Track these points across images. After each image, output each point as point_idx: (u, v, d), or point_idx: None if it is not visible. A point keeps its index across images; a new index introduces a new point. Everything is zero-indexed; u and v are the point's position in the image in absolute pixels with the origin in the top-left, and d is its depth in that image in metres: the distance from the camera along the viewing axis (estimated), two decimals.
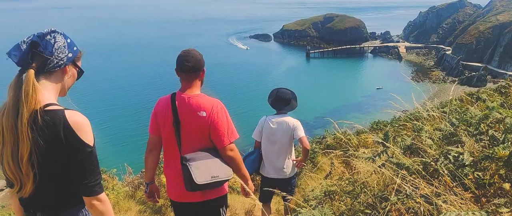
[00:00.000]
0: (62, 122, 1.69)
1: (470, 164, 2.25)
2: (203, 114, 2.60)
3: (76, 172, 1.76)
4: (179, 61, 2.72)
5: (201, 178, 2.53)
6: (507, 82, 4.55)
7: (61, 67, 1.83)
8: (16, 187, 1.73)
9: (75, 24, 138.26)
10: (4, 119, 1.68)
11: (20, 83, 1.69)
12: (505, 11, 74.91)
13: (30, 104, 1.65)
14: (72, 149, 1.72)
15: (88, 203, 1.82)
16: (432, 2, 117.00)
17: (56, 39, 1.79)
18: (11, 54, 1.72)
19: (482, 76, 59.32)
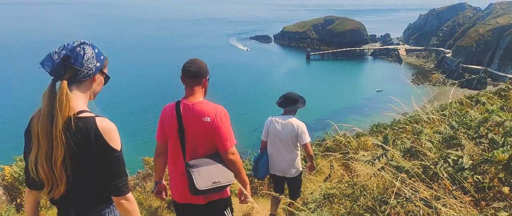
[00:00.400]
0: (93, 128, 1.86)
1: (470, 168, 2.25)
2: (208, 120, 2.72)
3: (106, 174, 1.92)
4: (183, 68, 2.90)
5: (202, 184, 2.68)
6: (506, 85, 4.54)
7: (90, 77, 1.99)
8: (46, 188, 1.87)
9: (74, 20, 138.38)
10: (39, 125, 1.83)
11: (54, 92, 1.86)
12: (505, 14, 75.01)
13: (64, 112, 1.82)
14: (102, 153, 1.88)
15: (116, 202, 1.99)
16: (432, 4, 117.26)
17: (85, 50, 1.95)
18: (45, 65, 1.87)
19: (482, 79, 59.34)
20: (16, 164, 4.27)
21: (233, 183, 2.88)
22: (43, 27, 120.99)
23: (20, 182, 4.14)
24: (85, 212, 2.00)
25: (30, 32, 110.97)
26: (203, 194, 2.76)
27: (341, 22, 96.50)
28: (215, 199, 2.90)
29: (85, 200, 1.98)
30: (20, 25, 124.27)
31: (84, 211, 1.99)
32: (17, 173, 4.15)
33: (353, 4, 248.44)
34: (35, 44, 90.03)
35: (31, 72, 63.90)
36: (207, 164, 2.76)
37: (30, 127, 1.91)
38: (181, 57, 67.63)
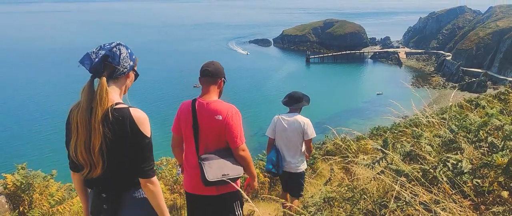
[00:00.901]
0: (128, 117, 2.09)
1: (469, 172, 2.26)
2: (220, 118, 2.96)
3: (136, 158, 2.14)
4: (201, 68, 3.14)
5: (212, 175, 2.89)
6: (506, 88, 4.56)
7: (125, 74, 2.25)
8: (85, 170, 2.12)
9: (74, 27, 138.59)
10: (78, 116, 2.07)
11: (93, 88, 2.12)
12: (505, 17, 75.14)
13: (103, 105, 2.05)
14: (134, 139, 2.10)
15: (143, 184, 2.20)
16: (432, 7, 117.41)
17: (121, 51, 2.20)
18: (84, 63, 2.14)
19: (482, 82, 59.37)
20: (18, 172, 4.28)
21: (242, 176, 3.07)
22: (44, 35, 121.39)
23: (23, 190, 4.14)
24: (118, 194, 2.22)
25: (31, 40, 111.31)
26: (213, 185, 2.94)
27: (340, 25, 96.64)
28: (225, 192, 3.07)
29: (118, 183, 2.21)
30: (22, 33, 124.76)
31: (117, 193, 2.22)
32: (19, 181, 4.15)
33: (352, 7, 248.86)
34: (35, 52, 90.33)
35: (32, 80, 64.06)
36: (218, 157, 2.98)
37: (70, 118, 2.16)
38: (181, 62, 68.36)
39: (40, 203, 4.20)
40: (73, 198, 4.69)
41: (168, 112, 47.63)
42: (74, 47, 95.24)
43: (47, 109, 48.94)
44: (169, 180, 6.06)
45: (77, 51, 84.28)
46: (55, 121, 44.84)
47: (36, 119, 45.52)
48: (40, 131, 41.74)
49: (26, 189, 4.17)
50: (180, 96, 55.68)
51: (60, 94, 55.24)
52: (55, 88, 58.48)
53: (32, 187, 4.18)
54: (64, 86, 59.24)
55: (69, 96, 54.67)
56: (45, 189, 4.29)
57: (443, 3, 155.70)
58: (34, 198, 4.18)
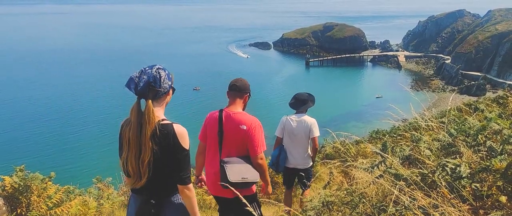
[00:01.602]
0: (172, 132, 2.42)
1: (468, 176, 2.26)
2: (244, 128, 3.32)
3: (176, 167, 2.46)
4: (230, 83, 3.57)
5: (233, 177, 3.23)
6: (504, 92, 4.56)
7: (166, 93, 2.56)
8: (132, 180, 2.45)
9: (73, 30, 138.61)
10: (130, 133, 2.39)
11: (140, 108, 2.42)
12: (504, 21, 75.31)
13: (152, 124, 2.37)
14: (175, 151, 2.43)
15: (180, 190, 2.53)
16: (431, 11, 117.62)
17: (160, 74, 2.49)
18: (130, 87, 2.42)
19: (481, 85, 59.45)
20: (16, 174, 4.27)
21: (258, 182, 3.45)
22: (44, 37, 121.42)
23: (21, 193, 4.13)
24: (160, 199, 2.53)
25: (30, 41, 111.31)
26: (233, 187, 3.12)
27: (340, 29, 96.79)
28: (242, 195, 3.25)
29: (162, 190, 2.53)
30: (21, 35, 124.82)
31: (159, 198, 2.53)
32: (17, 183, 4.14)
33: (352, 11, 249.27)
34: (35, 53, 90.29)
35: (32, 81, 64.04)
36: (239, 162, 3.34)
37: (121, 133, 2.49)
38: (181, 64, 68.50)
39: (38, 205, 4.18)
40: (71, 200, 4.68)
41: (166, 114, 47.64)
42: (74, 49, 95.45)
43: (47, 110, 48.93)
44: None
45: (77, 53, 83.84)
46: (55, 123, 44.88)
47: (36, 120, 45.46)
48: (39, 133, 41.68)
49: (24, 191, 4.15)
50: (180, 99, 55.68)
51: (59, 95, 55.28)
52: (55, 89, 58.48)
53: (30, 189, 4.17)
54: (63, 88, 59.30)
55: (69, 97, 54.74)
56: (43, 191, 4.28)
57: (442, 7, 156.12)
58: (32, 200, 4.17)
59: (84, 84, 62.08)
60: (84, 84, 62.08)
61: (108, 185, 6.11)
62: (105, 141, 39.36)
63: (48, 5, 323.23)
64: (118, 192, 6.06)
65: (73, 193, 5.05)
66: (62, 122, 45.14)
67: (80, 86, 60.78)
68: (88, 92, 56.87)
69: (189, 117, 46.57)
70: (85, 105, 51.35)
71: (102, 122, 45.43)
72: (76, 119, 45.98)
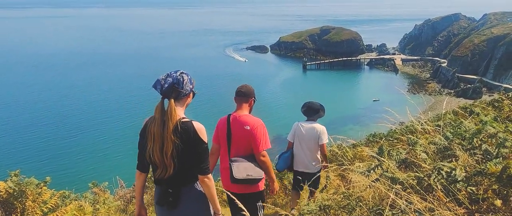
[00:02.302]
0: (192, 128, 2.74)
1: (463, 180, 2.26)
2: (247, 128, 3.74)
3: (197, 159, 2.78)
4: (236, 89, 3.96)
5: (238, 174, 3.64)
6: (500, 96, 4.58)
7: (187, 95, 2.90)
8: (158, 171, 2.77)
9: (70, 33, 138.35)
10: (155, 128, 2.72)
11: (164, 107, 2.76)
12: (499, 24, 75.72)
13: (173, 120, 2.69)
14: (196, 145, 2.75)
15: (201, 179, 2.85)
16: (427, 15, 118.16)
17: (183, 78, 2.85)
18: (156, 87, 2.79)
19: (477, 89, 59.68)
20: (11, 179, 4.24)
21: (262, 178, 3.77)
22: (41, 40, 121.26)
23: (15, 198, 4.10)
24: (181, 188, 2.83)
25: (28, 44, 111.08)
26: (239, 183, 3.68)
27: (337, 32, 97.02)
28: (249, 191, 3.82)
29: (180, 181, 2.82)
30: (22, 37, 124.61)
31: (180, 187, 2.83)
32: (12, 188, 4.11)
33: (349, 14, 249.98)
34: (32, 57, 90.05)
35: (28, 85, 63.79)
36: (244, 161, 3.72)
37: (146, 129, 2.80)
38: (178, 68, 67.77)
39: (33, 210, 4.15)
40: (66, 205, 4.65)
41: None
42: (72, 53, 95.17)
43: (43, 115, 48.69)
44: None
45: (74, 57, 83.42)
46: (51, 127, 44.65)
47: (32, 125, 45.24)
48: (35, 138, 41.47)
49: (18, 196, 4.12)
50: None
51: (56, 99, 55.05)
52: (51, 93, 58.25)
53: (24, 195, 4.14)
54: (60, 92, 59.07)
55: (65, 101, 54.50)
56: (38, 196, 4.25)
57: (438, 10, 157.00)
58: (27, 206, 4.14)
59: (81, 88, 61.87)
60: (81, 88, 61.87)
61: (104, 189, 6.07)
62: (101, 146, 39.25)
63: (45, 8, 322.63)
64: (114, 197, 6.03)
65: (68, 198, 5.02)
66: (58, 127, 44.94)
67: (76, 90, 60.56)
68: (85, 96, 56.64)
69: None
70: (82, 109, 51.13)
71: (99, 126, 45.29)
72: (72, 124, 45.80)
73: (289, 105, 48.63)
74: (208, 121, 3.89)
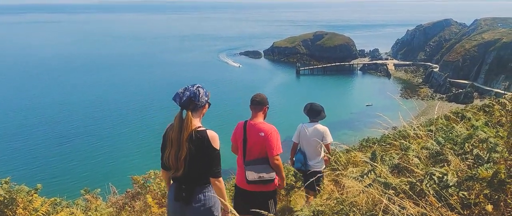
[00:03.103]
0: (205, 136, 3.13)
1: (455, 185, 2.27)
2: (262, 135, 4.14)
3: (210, 163, 3.18)
4: (251, 98, 4.40)
5: (251, 177, 4.14)
6: (490, 101, 4.63)
7: (202, 106, 3.28)
8: (172, 171, 3.22)
9: (64, 38, 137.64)
10: (173, 135, 3.13)
11: (182, 117, 3.15)
12: (490, 29, 76.69)
13: (188, 129, 3.09)
14: (209, 151, 3.14)
15: (213, 182, 3.25)
16: (419, 20, 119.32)
17: (199, 91, 3.22)
18: (176, 100, 3.19)
19: (469, 93, 60.24)
20: (1, 187, 4.19)
21: (274, 178, 4.21)
22: (33, 45, 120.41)
23: (6, 206, 4.05)
24: (193, 187, 3.23)
25: (18, 50, 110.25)
26: (253, 184, 4.17)
27: (330, 38, 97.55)
28: (262, 190, 4.26)
29: (193, 180, 3.22)
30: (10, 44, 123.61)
31: (193, 187, 3.23)
32: (2, 196, 4.06)
33: (342, 20, 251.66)
34: (24, 62, 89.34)
35: (21, 90, 63.18)
36: (257, 164, 4.16)
37: (166, 134, 3.21)
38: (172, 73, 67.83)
39: None
40: (58, 212, 4.60)
41: (156, 121, 47.29)
42: (65, 57, 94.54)
43: (34, 121, 48.19)
44: (157, 193, 5.97)
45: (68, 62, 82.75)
46: (42, 134, 44.20)
47: (23, 132, 44.75)
48: (27, 145, 41.01)
49: (9, 204, 4.07)
50: (170, 107, 55.27)
51: (48, 105, 54.54)
52: (43, 99, 57.74)
53: (15, 202, 4.09)
54: (52, 97, 58.57)
55: (57, 107, 54.01)
56: (29, 204, 4.20)
57: (430, 16, 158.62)
58: (17, 213, 4.09)
59: (74, 93, 61.42)
60: (74, 93, 61.42)
61: (96, 196, 6.01)
62: (93, 152, 38.91)
63: (39, 14, 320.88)
64: (107, 204, 5.97)
65: (60, 205, 4.96)
66: (49, 133, 44.49)
67: (69, 95, 60.11)
68: (77, 102, 56.20)
69: None
70: (74, 115, 50.71)
71: (91, 132, 44.94)
72: (64, 130, 45.40)
73: (283, 110, 48.67)
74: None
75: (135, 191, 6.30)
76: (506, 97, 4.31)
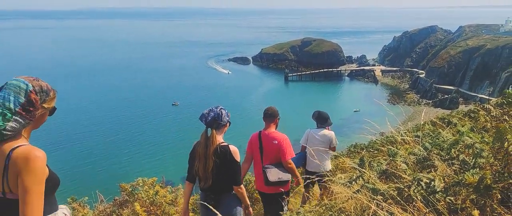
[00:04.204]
0: (228, 151, 3.62)
1: (442, 190, 2.30)
2: (276, 143, 4.76)
3: (231, 173, 3.69)
4: (264, 111, 4.99)
5: (272, 178, 4.66)
6: (475, 107, 4.71)
7: (225, 125, 3.76)
8: (202, 182, 3.71)
9: (54, 45, 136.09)
10: (200, 149, 3.63)
11: (207, 134, 3.65)
12: (474, 36, 78.24)
13: (214, 145, 3.58)
14: (231, 164, 3.64)
15: (235, 189, 3.78)
16: (405, 27, 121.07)
17: (222, 112, 3.70)
18: (202, 120, 3.67)
19: (454, 99, 61.19)
20: None
21: (289, 180, 4.85)
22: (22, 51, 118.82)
23: None
24: (220, 194, 3.74)
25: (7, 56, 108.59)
26: (272, 186, 4.66)
27: (318, 44, 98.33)
28: (278, 191, 4.73)
29: (219, 188, 3.72)
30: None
31: (219, 194, 3.73)
32: None
33: (330, 26, 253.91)
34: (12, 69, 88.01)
35: None
36: (275, 167, 4.74)
37: (194, 150, 3.71)
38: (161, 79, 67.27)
39: None
40: None
41: (144, 128, 46.92)
42: (55, 63, 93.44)
43: None
44: (145, 201, 5.90)
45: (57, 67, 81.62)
46: None
47: None
48: None
49: None
50: (160, 113, 55.03)
51: None
52: None
53: None
54: None
55: None
56: None
57: (416, 23, 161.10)
58: None
59: (62, 99, 60.51)
60: (62, 99, 60.51)
61: (83, 205, 5.91)
62: (80, 161, 38.39)
63: (29, 20, 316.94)
64: (94, 212, 5.88)
65: None
66: (34, 140, 43.72)
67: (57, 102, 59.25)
68: (65, 108, 55.43)
69: (166, 133, 46.02)
70: (61, 121, 50.01)
71: (77, 140, 44.37)
72: (50, 138, 44.71)
73: None
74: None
75: (123, 199, 6.20)
76: (490, 103, 4.39)
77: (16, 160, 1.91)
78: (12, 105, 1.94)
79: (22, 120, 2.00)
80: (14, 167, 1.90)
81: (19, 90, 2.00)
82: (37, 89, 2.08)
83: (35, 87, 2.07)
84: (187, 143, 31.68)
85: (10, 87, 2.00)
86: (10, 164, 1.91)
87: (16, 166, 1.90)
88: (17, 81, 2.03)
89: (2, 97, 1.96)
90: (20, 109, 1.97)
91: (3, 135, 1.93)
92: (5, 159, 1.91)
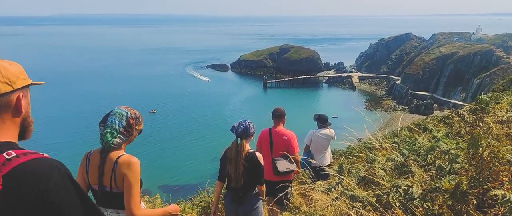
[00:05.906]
0: (254, 156, 4.19)
1: (419, 197, 2.32)
2: (285, 138, 5.49)
3: (256, 175, 4.24)
4: (273, 111, 5.77)
5: (281, 168, 5.31)
6: (450, 113, 4.82)
7: (251, 135, 4.32)
8: (233, 182, 4.22)
9: (26, 51, 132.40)
10: (232, 156, 4.17)
11: (237, 143, 4.21)
12: (447, 43, 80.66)
13: (243, 152, 4.15)
14: (257, 168, 4.21)
15: (258, 187, 4.38)
16: (381, 34, 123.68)
17: (250, 125, 4.25)
18: (233, 131, 4.21)
19: (429, 104, 62.70)
20: None
21: (295, 170, 5.45)
22: None
23: None
24: (246, 193, 4.30)
25: None
26: (280, 176, 5.32)
27: (296, 51, 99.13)
28: (285, 179, 5.37)
29: (246, 188, 4.27)
30: None
31: (245, 192, 4.29)
32: None
33: (307, 33, 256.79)
34: None
35: None
36: (282, 160, 5.39)
37: (226, 155, 4.29)
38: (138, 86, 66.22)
39: None
40: None
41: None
42: (28, 71, 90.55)
43: None
44: None
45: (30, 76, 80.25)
46: None
47: None
48: None
49: None
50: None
51: None
52: None
53: None
54: None
55: None
56: None
57: (391, 30, 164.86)
58: None
59: (39, 109, 58.80)
60: (39, 109, 58.80)
61: None
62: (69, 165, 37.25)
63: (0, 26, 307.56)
64: None
65: None
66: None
67: (36, 110, 57.48)
68: (43, 116, 53.84)
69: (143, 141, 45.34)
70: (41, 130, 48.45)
71: (61, 147, 43.22)
72: (35, 145, 43.29)
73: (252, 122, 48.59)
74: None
75: None
76: (464, 109, 4.49)
77: (122, 165, 2.64)
78: (117, 127, 2.72)
79: (123, 137, 2.76)
80: (120, 170, 2.63)
81: (122, 116, 2.77)
82: (133, 116, 2.83)
83: (131, 114, 2.83)
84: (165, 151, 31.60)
85: (115, 114, 2.79)
86: (117, 167, 2.64)
87: (121, 169, 2.63)
88: (120, 110, 2.82)
89: (110, 121, 2.75)
90: (123, 129, 2.74)
91: (111, 147, 2.70)
92: (113, 163, 2.66)
